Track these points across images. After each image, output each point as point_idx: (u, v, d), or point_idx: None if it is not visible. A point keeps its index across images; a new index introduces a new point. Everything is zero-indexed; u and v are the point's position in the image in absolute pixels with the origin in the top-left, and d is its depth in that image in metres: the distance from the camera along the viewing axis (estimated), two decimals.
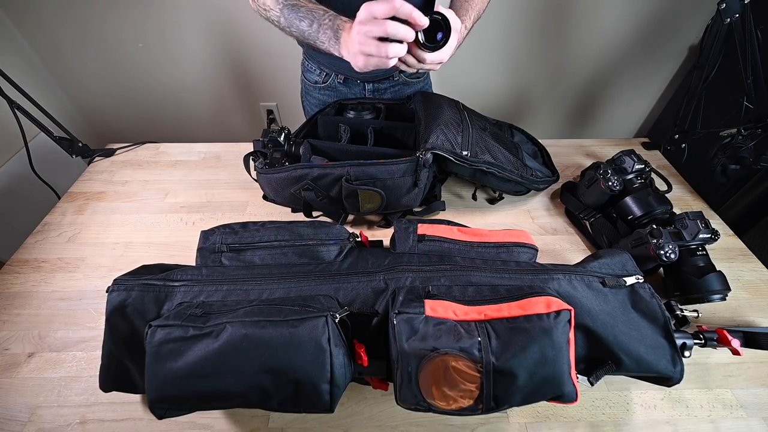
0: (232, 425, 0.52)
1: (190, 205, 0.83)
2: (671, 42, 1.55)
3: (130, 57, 1.55)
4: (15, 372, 0.57)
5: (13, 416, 0.52)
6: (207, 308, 0.45)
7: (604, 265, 0.54)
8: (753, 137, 0.75)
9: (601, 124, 1.89)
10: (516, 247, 0.57)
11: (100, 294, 0.52)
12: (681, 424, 0.52)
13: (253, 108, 1.78)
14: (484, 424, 0.52)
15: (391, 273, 0.51)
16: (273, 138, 0.72)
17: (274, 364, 0.40)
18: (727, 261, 0.72)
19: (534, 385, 0.40)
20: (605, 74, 1.67)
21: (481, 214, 0.82)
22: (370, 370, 0.47)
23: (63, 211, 0.82)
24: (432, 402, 0.40)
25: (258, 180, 0.76)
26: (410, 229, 0.57)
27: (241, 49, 1.55)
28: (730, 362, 0.58)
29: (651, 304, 0.50)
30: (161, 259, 0.64)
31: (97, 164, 0.95)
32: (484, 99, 1.75)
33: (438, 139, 0.69)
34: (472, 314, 0.43)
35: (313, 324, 0.41)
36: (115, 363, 0.48)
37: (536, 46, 1.58)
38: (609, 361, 0.48)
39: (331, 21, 0.60)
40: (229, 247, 0.55)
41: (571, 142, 1.01)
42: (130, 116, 1.76)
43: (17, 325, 0.62)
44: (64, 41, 1.49)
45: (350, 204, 0.70)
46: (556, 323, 0.41)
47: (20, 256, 0.73)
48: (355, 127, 0.82)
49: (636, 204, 0.70)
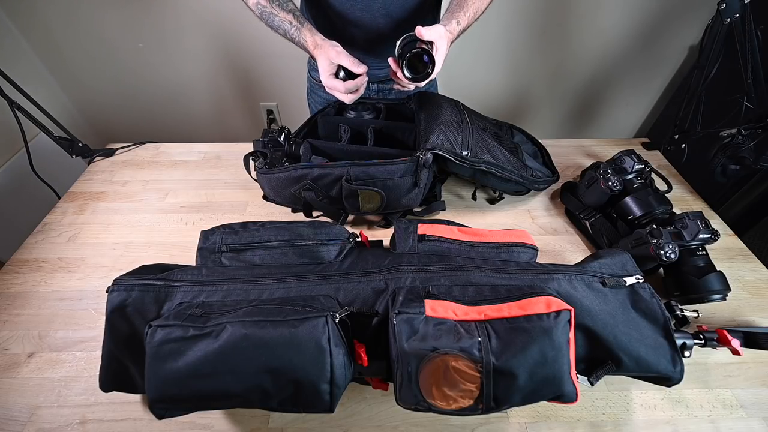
0: (232, 425, 0.52)
1: (190, 205, 0.83)
2: (671, 42, 1.55)
3: (131, 57, 1.55)
4: (15, 372, 0.57)
5: (13, 416, 0.52)
6: (207, 308, 0.45)
7: (604, 265, 0.54)
8: (753, 137, 0.75)
9: (601, 124, 1.89)
10: (516, 247, 0.57)
11: (100, 294, 0.52)
12: (681, 424, 0.52)
13: (253, 108, 1.78)
14: (484, 424, 0.52)
15: (391, 273, 0.51)
16: (273, 138, 0.72)
17: (274, 364, 0.40)
18: (727, 261, 0.72)
19: (534, 385, 0.40)
20: (605, 74, 1.67)
21: (481, 214, 0.82)
22: (370, 370, 0.47)
23: (63, 211, 0.82)
24: (432, 402, 0.40)
25: (258, 180, 0.76)
26: (410, 229, 0.57)
27: (241, 49, 1.54)
28: (730, 362, 0.58)
29: (651, 304, 0.50)
30: (161, 259, 0.64)
31: (97, 164, 0.95)
32: (484, 99, 1.75)
33: (438, 139, 0.69)
34: (472, 314, 0.43)
35: (313, 324, 0.41)
36: (115, 363, 0.48)
37: (536, 46, 1.58)
38: (609, 361, 0.48)
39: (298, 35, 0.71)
40: (229, 247, 0.55)
41: (571, 142, 1.01)
42: (130, 116, 1.76)
43: (17, 325, 0.62)
44: (64, 41, 1.49)
45: (350, 204, 0.70)
46: (556, 323, 0.41)
47: (20, 256, 0.73)
48: (355, 127, 0.82)
49: (636, 204, 0.70)
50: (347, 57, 0.67)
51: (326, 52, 0.67)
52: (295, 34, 0.71)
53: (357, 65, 0.67)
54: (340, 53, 0.67)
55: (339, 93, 0.69)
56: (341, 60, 0.66)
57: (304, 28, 0.71)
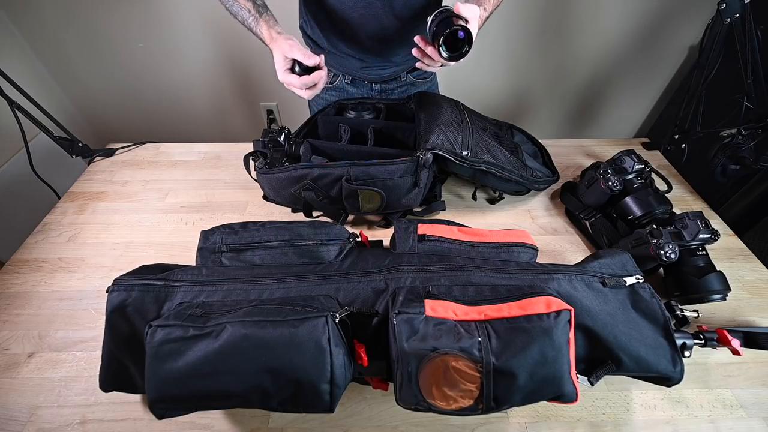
0: (232, 425, 0.52)
1: (190, 205, 0.83)
2: (671, 42, 1.55)
3: (131, 57, 1.55)
4: (15, 372, 0.57)
5: (13, 416, 0.52)
6: (207, 308, 0.45)
7: (604, 265, 0.54)
8: (753, 137, 0.75)
9: (601, 124, 1.89)
10: (516, 247, 0.57)
11: (100, 294, 0.52)
12: (681, 424, 0.52)
13: (253, 108, 1.78)
14: (484, 424, 0.52)
15: (392, 273, 0.51)
16: (273, 138, 0.72)
17: (274, 364, 0.40)
18: (727, 261, 0.72)
19: (534, 385, 0.40)
20: (605, 74, 1.67)
21: (481, 214, 0.82)
22: (370, 370, 0.47)
23: (63, 211, 0.82)
24: (432, 402, 0.40)
25: (258, 180, 0.76)
26: (410, 229, 0.57)
27: (241, 49, 1.54)
28: (730, 362, 0.58)
29: (651, 304, 0.50)
30: (161, 259, 0.64)
31: (97, 164, 0.95)
32: (484, 99, 1.75)
33: (438, 139, 0.69)
34: (472, 314, 0.43)
35: (313, 324, 0.41)
36: (115, 363, 0.48)
37: (537, 46, 1.58)
38: (609, 361, 0.48)
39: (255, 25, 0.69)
40: (229, 247, 0.55)
41: (571, 142, 1.01)
42: (130, 116, 1.76)
43: (17, 325, 0.62)
44: (64, 41, 1.49)
45: (350, 204, 0.70)
46: (556, 323, 0.41)
47: (20, 256, 0.73)
48: (355, 127, 0.82)
49: (636, 204, 0.70)
50: (300, 50, 0.64)
51: (280, 46, 0.65)
52: (253, 24, 0.69)
53: (309, 57, 0.64)
54: (293, 46, 0.64)
55: (295, 88, 0.66)
56: (294, 53, 0.63)
57: (261, 19, 0.68)
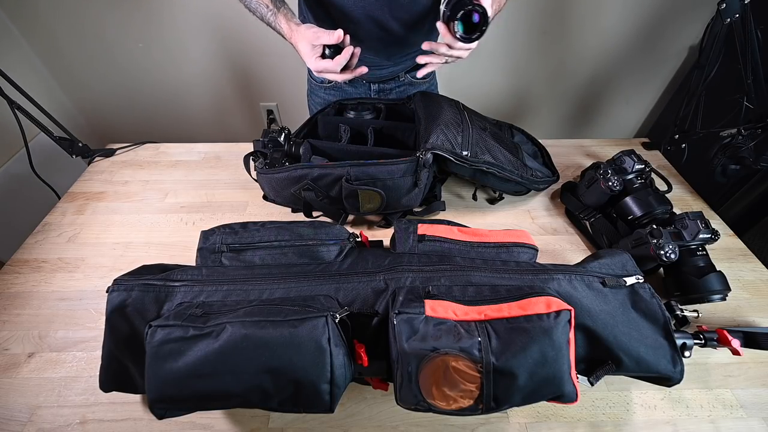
0: (232, 425, 0.52)
1: (190, 205, 0.83)
2: (671, 42, 1.55)
3: (131, 57, 1.55)
4: (15, 372, 0.57)
5: (13, 416, 0.52)
6: (207, 308, 0.45)
7: (604, 265, 0.54)
8: (753, 137, 0.75)
9: (601, 124, 1.89)
10: (516, 247, 0.57)
11: (100, 294, 0.52)
12: (681, 424, 0.52)
13: (253, 108, 1.78)
14: (484, 424, 0.52)
15: (391, 273, 0.51)
16: (273, 138, 0.72)
17: (274, 364, 0.40)
18: (727, 261, 0.72)
19: (534, 385, 0.40)
20: (605, 74, 1.67)
21: (481, 214, 0.82)
22: (370, 370, 0.47)
23: (63, 211, 0.82)
24: (432, 402, 0.40)
25: (258, 180, 0.76)
26: (410, 229, 0.57)
27: (241, 49, 1.54)
28: (730, 362, 0.58)
29: (651, 304, 0.50)
30: (161, 259, 0.64)
31: (97, 164, 0.95)
32: (484, 99, 1.75)
33: (438, 139, 0.69)
34: (472, 314, 0.43)
35: (313, 324, 0.41)
36: (115, 363, 0.48)
37: (537, 45, 1.58)
38: (609, 361, 0.48)
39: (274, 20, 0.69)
40: (229, 247, 0.55)
41: (571, 142, 1.01)
42: (130, 116, 1.76)
43: (17, 325, 0.62)
44: (64, 41, 1.49)
45: (350, 204, 0.70)
46: (556, 323, 0.41)
47: (20, 256, 0.73)
48: (355, 127, 0.82)
49: (636, 204, 0.70)
50: (325, 33, 0.61)
51: (304, 35, 0.63)
52: (271, 19, 0.70)
53: (332, 34, 0.61)
54: (317, 32, 0.62)
55: (333, 73, 0.64)
56: (321, 39, 0.61)
57: (279, 13, 0.68)
